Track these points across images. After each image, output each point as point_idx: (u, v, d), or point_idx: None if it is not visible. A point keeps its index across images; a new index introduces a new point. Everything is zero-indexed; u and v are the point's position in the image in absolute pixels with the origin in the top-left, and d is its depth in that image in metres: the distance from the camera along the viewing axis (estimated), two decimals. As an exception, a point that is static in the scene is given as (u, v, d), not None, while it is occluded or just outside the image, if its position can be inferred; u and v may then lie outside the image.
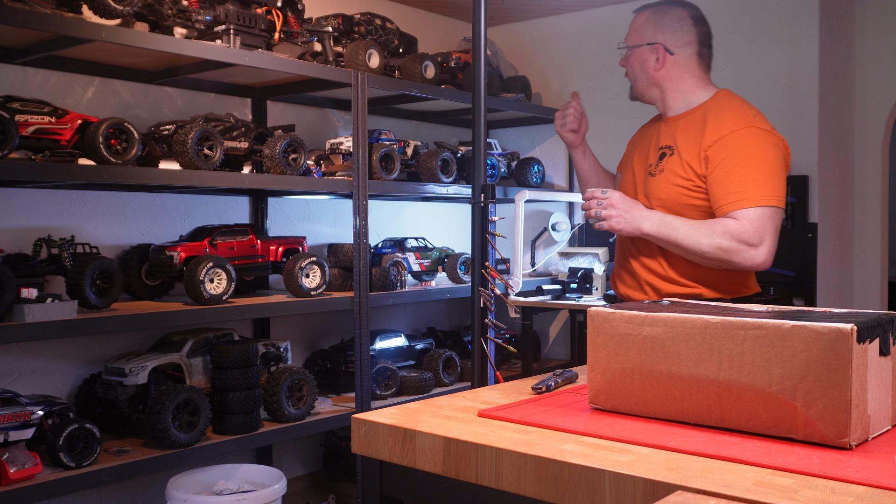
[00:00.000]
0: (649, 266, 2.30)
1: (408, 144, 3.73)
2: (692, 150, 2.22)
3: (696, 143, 2.22)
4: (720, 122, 2.21)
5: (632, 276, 2.36)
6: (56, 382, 2.97)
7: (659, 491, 1.08)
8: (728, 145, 2.16)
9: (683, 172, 2.22)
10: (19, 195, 2.88)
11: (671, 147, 2.28)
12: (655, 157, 2.32)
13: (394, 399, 3.52)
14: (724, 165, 2.15)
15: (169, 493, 2.80)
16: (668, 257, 2.27)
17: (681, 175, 2.22)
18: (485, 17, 2.13)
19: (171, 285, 3.11)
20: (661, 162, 2.29)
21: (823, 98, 3.87)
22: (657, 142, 2.35)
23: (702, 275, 2.24)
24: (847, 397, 1.19)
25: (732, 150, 2.15)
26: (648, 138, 2.42)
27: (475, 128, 2.13)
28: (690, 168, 2.20)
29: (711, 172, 2.17)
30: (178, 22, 2.79)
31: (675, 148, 2.27)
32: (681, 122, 2.33)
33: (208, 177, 2.79)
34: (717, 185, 2.16)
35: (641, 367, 1.41)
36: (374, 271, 3.47)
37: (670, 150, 2.28)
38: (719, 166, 2.16)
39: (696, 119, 2.28)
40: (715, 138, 2.18)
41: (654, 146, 2.35)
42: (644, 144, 2.42)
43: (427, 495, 1.39)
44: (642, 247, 2.31)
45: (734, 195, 2.13)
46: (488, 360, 2.00)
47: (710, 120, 2.23)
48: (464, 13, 4.56)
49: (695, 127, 2.26)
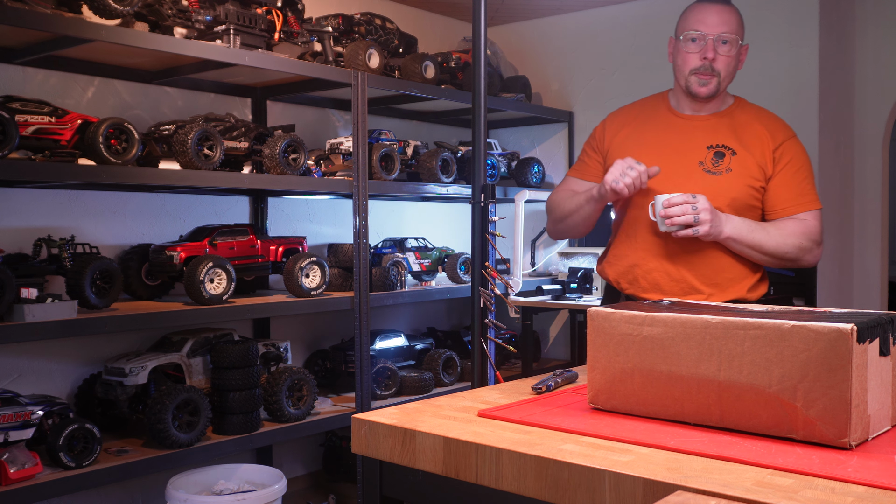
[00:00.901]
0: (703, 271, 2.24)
1: (408, 144, 3.74)
2: (761, 153, 2.25)
3: (762, 145, 2.26)
4: (775, 128, 2.31)
5: (675, 282, 2.26)
6: (56, 382, 2.97)
7: (659, 491, 1.08)
8: (788, 151, 2.28)
9: (757, 174, 2.26)
10: (19, 195, 2.88)
11: (729, 147, 2.26)
12: (708, 155, 2.27)
13: (394, 399, 3.52)
14: (788, 170, 2.27)
15: (169, 493, 2.80)
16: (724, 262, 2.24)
17: (755, 177, 2.25)
18: (485, 17, 2.13)
19: (171, 285, 3.10)
20: (721, 161, 2.25)
21: (823, 98, 3.87)
22: (701, 139, 2.29)
23: (747, 281, 2.27)
24: (847, 397, 1.19)
25: (792, 156, 2.28)
26: (678, 132, 2.32)
27: (475, 128, 2.13)
28: (761, 170, 2.26)
29: (776, 175, 2.26)
30: (178, 22, 2.79)
31: (740, 148, 2.26)
32: (724, 121, 2.31)
33: (208, 177, 2.79)
34: (782, 187, 2.27)
35: (641, 367, 1.41)
36: (374, 271, 3.47)
37: (730, 151, 2.26)
38: (784, 170, 2.26)
39: (745, 121, 2.31)
40: (778, 142, 2.28)
41: (699, 143, 2.28)
42: (673, 139, 2.31)
43: (427, 495, 1.39)
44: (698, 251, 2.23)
45: (800, 198, 2.27)
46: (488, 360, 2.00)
47: (764, 124, 2.31)
48: (464, 13, 4.56)
49: (752, 130, 2.29)
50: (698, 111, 2.34)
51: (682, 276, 2.24)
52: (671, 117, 2.37)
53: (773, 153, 2.27)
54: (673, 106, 2.39)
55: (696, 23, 2.26)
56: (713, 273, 2.24)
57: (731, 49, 2.27)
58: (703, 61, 2.25)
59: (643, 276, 2.29)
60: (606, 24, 4.41)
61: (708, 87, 2.27)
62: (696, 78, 2.27)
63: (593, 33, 4.45)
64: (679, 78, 2.33)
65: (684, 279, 2.24)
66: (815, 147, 3.84)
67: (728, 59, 2.27)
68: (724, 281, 2.25)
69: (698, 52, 2.26)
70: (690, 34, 2.26)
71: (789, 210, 2.26)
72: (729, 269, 2.24)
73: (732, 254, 2.24)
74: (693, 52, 2.27)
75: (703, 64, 2.25)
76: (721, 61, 2.26)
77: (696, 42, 2.26)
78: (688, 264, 2.24)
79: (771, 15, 3.94)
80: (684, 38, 2.28)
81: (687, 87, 2.30)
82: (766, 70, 3.96)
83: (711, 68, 2.25)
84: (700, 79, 2.27)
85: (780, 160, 2.27)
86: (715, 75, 2.26)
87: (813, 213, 2.28)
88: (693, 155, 2.28)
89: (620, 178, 2.13)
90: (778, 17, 3.92)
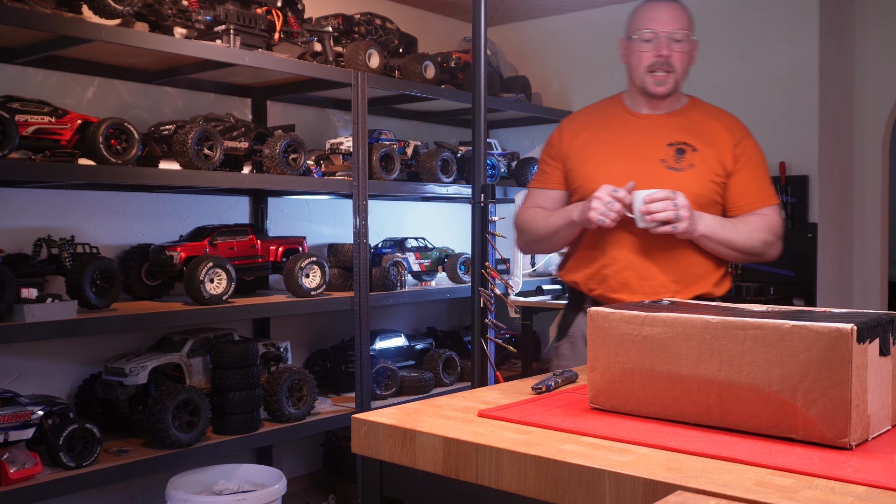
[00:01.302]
0: (672, 268, 2.26)
1: (408, 144, 3.74)
2: (721, 149, 2.28)
3: (721, 142, 2.29)
4: (732, 126, 2.34)
5: (644, 280, 2.28)
6: (56, 382, 2.97)
7: (659, 491, 1.08)
8: (747, 148, 2.32)
9: (719, 169, 2.28)
10: (19, 195, 2.88)
11: (689, 144, 2.29)
12: (669, 152, 2.28)
13: (394, 399, 3.52)
14: (749, 166, 2.30)
15: (169, 493, 2.80)
16: (691, 259, 2.26)
17: (717, 172, 2.28)
18: (485, 17, 2.13)
19: (171, 285, 3.10)
20: (682, 157, 2.27)
21: (823, 98, 3.87)
22: (661, 137, 2.31)
23: (713, 276, 2.30)
24: (847, 397, 1.19)
25: (752, 153, 2.32)
26: (637, 131, 2.34)
27: (475, 128, 2.13)
28: (722, 166, 2.29)
29: (737, 172, 2.29)
30: (178, 22, 2.79)
31: (700, 145, 2.28)
32: (682, 119, 2.33)
33: (208, 177, 2.79)
34: (744, 184, 2.30)
35: (641, 367, 1.41)
36: (374, 271, 3.47)
37: (691, 147, 2.28)
38: (745, 166, 2.30)
39: (702, 119, 2.34)
40: (738, 139, 2.32)
41: (659, 141, 2.30)
42: (633, 138, 2.33)
43: (427, 495, 1.39)
44: (667, 249, 2.25)
45: (761, 193, 2.31)
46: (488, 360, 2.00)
47: (721, 121, 2.34)
48: (464, 13, 4.56)
49: (709, 127, 2.32)
50: (655, 109, 2.36)
51: (652, 273, 2.26)
52: (629, 117, 2.38)
53: (734, 150, 2.30)
54: (629, 106, 2.40)
55: (648, 21, 2.29)
56: (681, 269, 2.26)
57: (684, 46, 2.29)
58: (659, 58, 2.27)
59: (613, 276, 2.30)
60: (606, 24, 4.41)
61: (665, 85, 2.29)
62: (652, 77, 2.29)
63: (593, 33, 4.45)
64: (635, 78, 2.34)
65: (654, 277, 2.26)
66: (815, 147, 3.85)
67: (682, 56, 2.30)
68: (691, 277, 2.27)
69: (653, 50, 2.28)
70: (644, 33, 2.28)
71: (752, 206, 2.30)
72: (697, 265, 2.27)
73: (699, 250, 2.27)
74: (647, 50, 2.29)
75: (659, 60, 2.27)
76: (676, 58, 2.29)
77: (651, 41, 2.28)
78: (657, 262, 2.26)
79: (771, 15, 3.94)
80: (638, 38, 2.30)
81: (643, 87, 2.32)
82: (766, 70, 3.96)
83: (668, 64, 2.28)
84: (656, 78, 2.29)
85: (741, 157, 2.30)
86: (672, 72, 2.28)
87: (773, 207, 2.33)
88: (655, 153, 2.30)
89: (606, 215, 2.13)
90: (778, 17, 3.92)
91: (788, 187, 3.87)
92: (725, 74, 4.09)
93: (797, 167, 3.88)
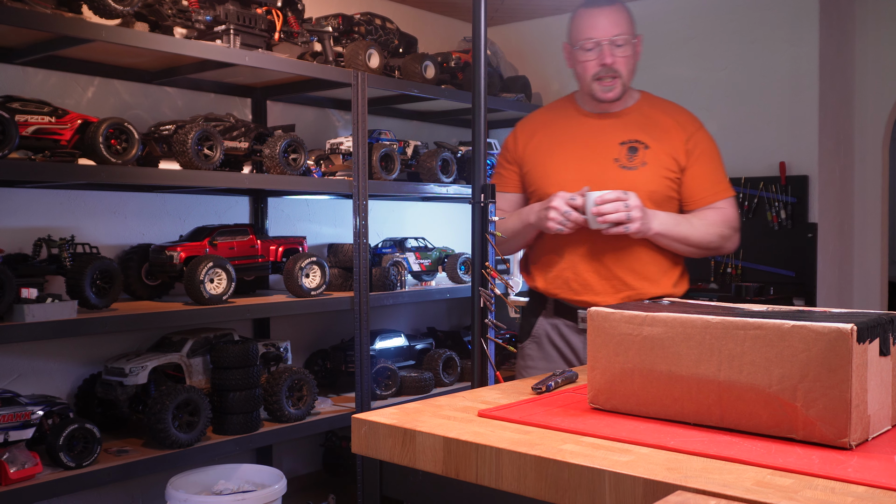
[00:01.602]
0: (632, 267, 2.28)
1: (408, 144, 3.74)
2: (673, 145, 2.27)
3: (673, 138, 2.28)
4: (684, 120, 2.35)
5: (605, 280, 2.30)
6: (56, 382, 2.97)
7: (659, 491, 1.08)
8: (700, 141, 2.32)
9: (672, 165, 2.29)
10: (19, 195, 2.88)
11: (641, 142, 2.29)
12: (622, 150, 2.29)
13: (394, 399, 3.52)
14: (702, 160, 2.31)
15: (169, 493, 2.80)
16: (649, 257, 2.28)
17: (670, 168, 2.29)
18: (485, 17, 2.13)
19: (171, 285, 3.10)
20: (634, 156, 2.28)
21: (823, 98, 3.87)
22: (613, 136, 2.31)
23: (673, 273, 2.33)
24: (847, 397, 1.19)
25: (704, 146, 2.33)
26: (589, 132, 2.34)
27: (475, 128, 2.13)
28: (675, 161, 2.29)
29: (691, 166, 2.29)
30: (178, 22, 2.79)
31: (652, 142, 2.29)
32: (633, 116, 2.34)
33: (208, 177, 2.79)
34: (698, 178, 2.31)
35: (641, 367, 1.41)
36: (374, 271, 3.47)
37: (643, 145, 2.29)
38: (699, 160, 2.31)
39: (653, 115, 2.34)
40: (689, 134, 2.32)
41: (611, 140, 2.31)
42: (586, 139, 2.34)
43: (427, 495, 1.39)
44: (624, 248, 2.27)
45: (716, 187, 2.32)
46: (488, 360, 2.00)
47: (673, 116, 2.33)
48: (464, 13, 4.56)
49: (661, 123, 2.32)
50: (606, 109, 2.37)
51: (613, 273, 2.28)
52: (581, 118, 2.39)
53: (686, 144, 2.30)
54: (581, 107, 2.41)
55: (588, 30, 2.28)
56: (641, 267, 2.28)
57: (626, 49, 2.29)
58: (603, 66, 2.28)
59: (574, 279, 2.31)
60: (606, 24, 4.41)
61: (613, 91, 2.31)
62: (599, 85, 2.30)
63: (593, 33, 4.44)
64: (583, 85, 2.36)
65: (615, 276, 2.28)
66: (814, 147, 3.85)
67: (626, 59, 2.30)
68: (652, 274, 2.29)
69: (596, 58, 2.28)
70: (584, 43, 2.29)
71: (707, 199, 2.31)
72: (655, 262, 2.29)
73: (656, 248, 2.28)
74: (591, 59, 2.29)
75: (604, 68, 2.28)
76: (620, 63, 2.29)
77: (592, 50, 2.28)
78: (616, 261, 2.27)
79: (771, 15, 3.94)
80: (580, 48, 2.30)
81: (592, 95, 2.33)
82: (766, 70, 3.96)
83: (613, 70, 2.28)
84: (603, 85, 2.30)
85: (693, 151, 2.31)
86: (618, 77, 2.29)
87: (728, 200, 2.34)
88: (607, 152, 2.31)
89: (564, 223, 2.15)
90: (778, 17, 3.92)
91: (788, 187, 3.87)
92: (726, 74, 4.09)
93: (797, 167, 3.88)
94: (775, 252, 3.89)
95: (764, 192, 3.93)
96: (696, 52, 4.18)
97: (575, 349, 2.36)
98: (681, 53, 4.21)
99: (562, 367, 2.34)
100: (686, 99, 4.25)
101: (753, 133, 4.02)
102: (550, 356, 2.39)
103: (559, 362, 2.38)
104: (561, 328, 2.38)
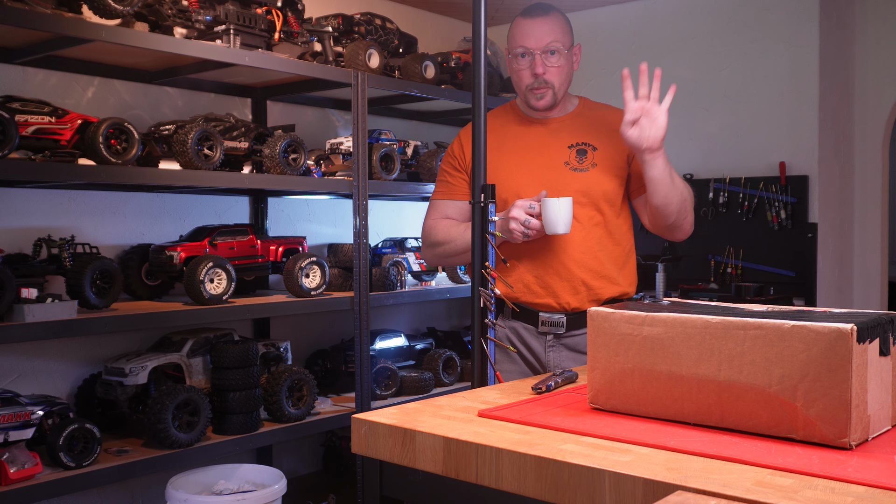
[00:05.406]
0: (591, 266, 2.29)
1: (408, 144, 3.74)
2: (619, 141, 2.24)
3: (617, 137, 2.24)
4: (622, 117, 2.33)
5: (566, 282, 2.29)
6: (56, 382, 2.97)
7: (659, 491, 1.08)
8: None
9: (622, 163, 2.31)
10: (19, 195, 2.88)
11: (589, 144, 2.31)
12: (571, 153, 2.31)
13: (394, 399, 3.52)
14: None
15: (169, 493, 2.80)
16: (604, 254, 2.29)
17: (620, 166, 2.31)
18: (485, 17, 2.13)
19: (171, 285, 3.10)
20: (584, 158, 2.30)
21: (823, 98, 3.87)
22: (561, 140, 2.32)
23: (627, 272, 2.35)
24: (847, 397, 1.19)
25: None
26: (537, 137, 2.35)
27: (475, 128, 2.13)
28: (624, 158, 2.31)
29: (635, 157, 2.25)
30: (178, 22, 2.79)
31: (599, 143, 2.31)
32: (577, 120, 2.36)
33: (208, 177, 2.79)
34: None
35: (641, 367, 1.41)
36: (374, 271, 3.47)
37: (591, 147, 2.31)
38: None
39: (595, 117, 2.36)
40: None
41: (560, 144, 2.32)
42: (534, 144, 2.34)
43: (427, 495, 1.39)
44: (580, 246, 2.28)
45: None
46: (488, 360, 2.00)
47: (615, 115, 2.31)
48: (464, 13, 4.56)
49: (605, 123, 2.33)
50: (547, 115, 2.37)
51: (572, 273, 2.27)
52: (526, 124, 2.39)
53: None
54: (525, 113, 2.41)
55: (521, 38, 2.29)
56: (599, 266, 2.28)
57: (559, 59, 2.29)
58: (534, 77, 2.28)
59: (535, 283, 2.31)
60: (606, 24, 4.41)
61: (545, 99, 2.31)
62: (531, 94, 2.31)
63: (593, 33, 4.44)
64: (518, 93, 2.38)
65: (574, 276, 2.28)
66: (814, 147, 3.85)
67: (559, 69, 2.30)
68: (609, 273, 2.29)
69: (528, 67, 2.29)
70: (517, 51, 2.30)
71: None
72: (611, 260, 2.30)
73: (611, 246, 2.30)
74: (524, 68, 2.30)
75: (536, 80, 2.28)
76: (552, 73, 2.29)
77: (525, 58, 2.29)
78: (574, 262, 2.28)
79: (771, 15, 3.94)
80: (513, 56, 2.32)
81: (527, 102, 2.35)
82: (766, 70, 3.97)
83: (544, 81, 2.28)
84: (535, 93, 2.31)
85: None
86: (549, 87, 2.29)
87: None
88: (557, 156, 2.31)
89: (524, 232, 2.16)
90: (778, 17, 3.93)
91: (788, 187, 3.87)
92: (726, 74, 4.09)
93: (797, 167, 3.89)
94: (775, 252, 3.89)
95: (764, 192, 3.93)
96: (696, 52, 4.18)
97: (535, 353, 2.35)
98: (681, 53, 4.21)
99: (525, 370, 2.35)
100: (686, 99, 4.27)
101: (753, 133, 4.03)
102: (514, 359, 2.40)
103: (523, 365, 2.38)
104: (520, 331, 2.37)
